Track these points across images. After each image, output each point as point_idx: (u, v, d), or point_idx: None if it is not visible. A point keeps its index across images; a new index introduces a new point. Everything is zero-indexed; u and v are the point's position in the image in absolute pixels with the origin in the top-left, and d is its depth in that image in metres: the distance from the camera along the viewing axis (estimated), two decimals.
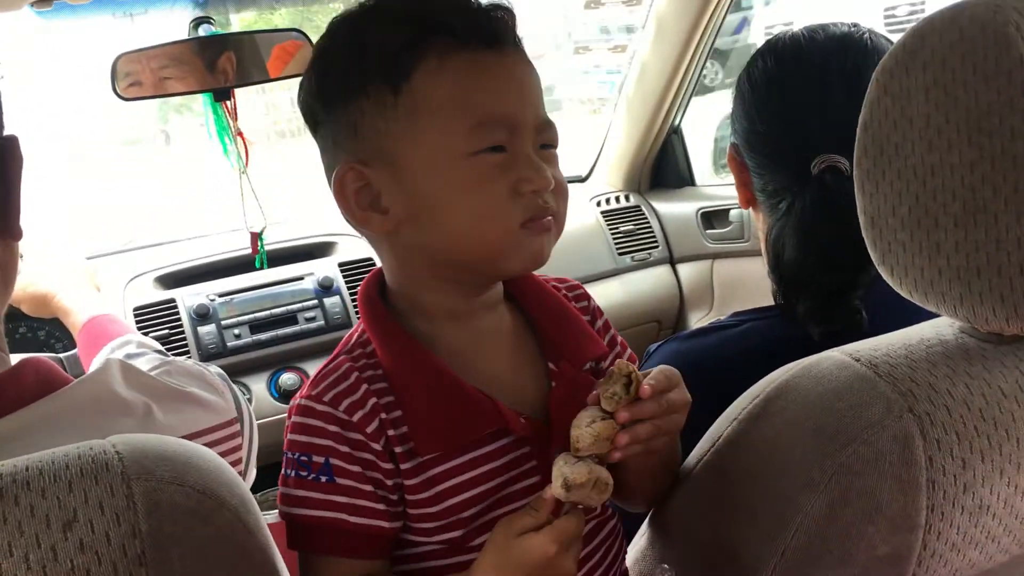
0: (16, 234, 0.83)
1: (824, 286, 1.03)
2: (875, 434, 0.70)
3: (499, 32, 0.79)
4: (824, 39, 1.13)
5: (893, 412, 0.70)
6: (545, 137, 0.82)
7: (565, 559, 0.71)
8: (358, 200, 0.81)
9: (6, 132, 0.79)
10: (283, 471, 0.80)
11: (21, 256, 1.44)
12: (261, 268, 1.86)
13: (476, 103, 0.78)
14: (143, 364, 0.89)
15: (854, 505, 0.72)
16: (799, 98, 1.11)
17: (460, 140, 0.77)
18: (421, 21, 0.78)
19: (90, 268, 1.52)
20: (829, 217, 1.03)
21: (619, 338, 0.97)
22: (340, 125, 0.81)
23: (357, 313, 0.89)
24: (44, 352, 1.69)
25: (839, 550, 0.73)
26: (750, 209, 1.23)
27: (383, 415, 0.79)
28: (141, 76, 1.52)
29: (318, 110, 0.83)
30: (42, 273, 1.44)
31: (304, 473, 0.77)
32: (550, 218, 0.80)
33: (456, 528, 0.80)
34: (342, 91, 0.80)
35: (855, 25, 1.14)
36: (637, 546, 0.98)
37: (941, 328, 0.79)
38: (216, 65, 1.55)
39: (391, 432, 0.79)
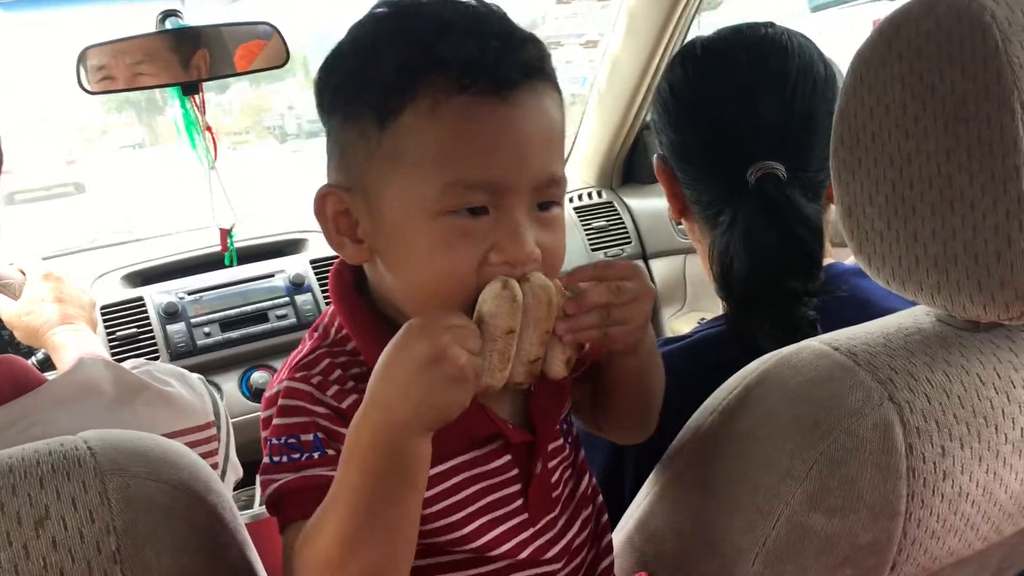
0: None
1: (777, 297, 1.02)
2: (855, 423, 0.70)
3: (511, 75, 0.70)
4: (743, 43, 1.12)
5: (873, 400, 0.71)
6: (546, 194, 0.74)
7: (460, 357, 0.64)
8: (336, 224, 0.76)
9: None
10: (268, 459, 0.73)
11: (23, 272, 1.41)
12: (231, 266, 1.84)
13: (459, 160, 0.70)
14: (124, 365, 0.88)
15: (835, 494, 0.72)
16: (726, 107, 1.09)
17: (433, 196, 0.70)
18: (421, 54, 0.70)
19: (90, 302, 1.48)
20: (775, 226, 1.03)
21: None
22: (332, 141, 0.77)
23: (328, 304, 0.82)
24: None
25: (821, 539, 0.73)
26: (681, 220, 1.22)
27: None
28: (110, 70, 1.50)
29: (320, 115, 0.78)
30: (38, 304, 1.39)
31: (296, 455, 0.71)
32: None
33: (435, 535, 0.77)
34: (336, 107, 0.76)
35: (771, 25, 1.13)
36: (615, 542, 0.98)
37: (919, 316, 0.79)
38: (184, 58, 1.53)
39: None
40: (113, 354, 1.74)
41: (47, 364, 1.38)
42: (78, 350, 1.31)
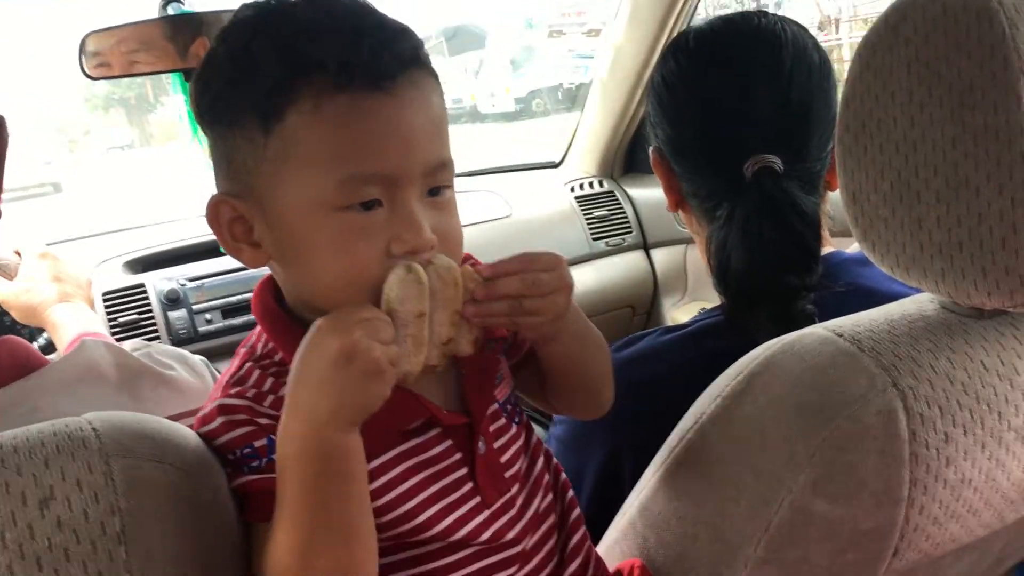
0: None
1: (775, 293, 1.02)
2: (859, 409, 0.71)
3: (389, 68, 0.71)
4: (736, 33, 1.11)
5: (876, 386, 0.71)
6: (436, 180, 0.75)
7: (373, 350, 0.65)
8: (232, 231, 0.76)
9: None
10: (233, 476, 0.72)
11: (19, 254, 1.41)
12: (226, 253, 1.84)
13: (349, 156, 0.70)
14: (125, 347, 0.88)
15: (838, 480, 0.72)
16: (721, 100, 1.09)
17: (329, 194, 0.71)
18: (298, 55, 0.70)
19: (87, 281, 1.48)
20: (772, 222, 1.03)
21: None
22: (217, 150, 0.77)
23: None
24: None
25: (823, 525, 0.73)
26: (679, 211, 1.22)
27: None
28: (110, 56, 1.49)
29: (202, 127, 0.77)
30: (36, 282, 1.40)
31: (256, 463, 0.71)
32: None
33: (392, 528, 0.76)
34: (216, 117, 0.75)
35: (764, 14, 1.12)
36: (616, 527, 0.98)
37: (923, 303, 0.79)
38: (186, 44, 1.52)
39: None
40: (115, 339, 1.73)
41: (48, 350, 1.38)
42: (77, 328, 1.31)
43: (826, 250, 1.10)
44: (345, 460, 0.66)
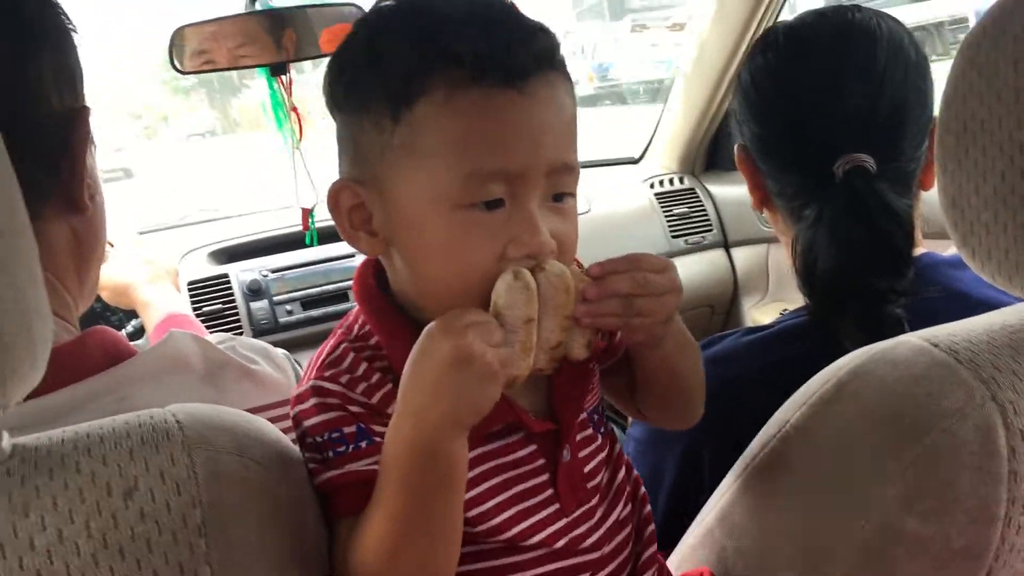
0: (82, 207, 0.83)
1: (863, 296, 0.99)
2: (955, 423, 0.67)
3: (523, 66, 0.70)
4: (828, 28, 1.08)
5: (975, 400, 0.67)
6: (560, 184, 0.74)
7: (487, 354, 0.65)
8: (351, 218, 0.77)
9: (81, 104, 0.80)
10: (314, 457, 0.73)
11: (111, 244, 1.48)
12: (311, 245, 1.86)
13: (476, 151, 0.70)
14: (210, 339, 0.89)
15: (930, 497, 0.69)
16: (811, 98, 1.06)
17: (452, 189, 0.70)
18: (434, 45, 0.70)
19: (174, 268, 1.56)
20: (863, 223, 1.00)
21: None
22: (344, 134, 0.78)
23: None
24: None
25: (912, 543, 0.70)
26: (763, 210, 1.19)
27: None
28: (216, 52, 1.53)
29: (331, 110, 0.79)
30: (127, 264, 1.47)
31: (342, 448, 0.72)
32: None
33: (468, 526, 0.75)
34: (348, 101, 0.76)
35: (858, 8, 1.08)
36: (693, 534, 0.96)
37: None
38: (277, 39, 1.55)
39: None
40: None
41: (136, 337, 1.43)
42: (166, 308, 1.38)
43: (918, 251, 1.06)
44: (450, 468, 0.67)
